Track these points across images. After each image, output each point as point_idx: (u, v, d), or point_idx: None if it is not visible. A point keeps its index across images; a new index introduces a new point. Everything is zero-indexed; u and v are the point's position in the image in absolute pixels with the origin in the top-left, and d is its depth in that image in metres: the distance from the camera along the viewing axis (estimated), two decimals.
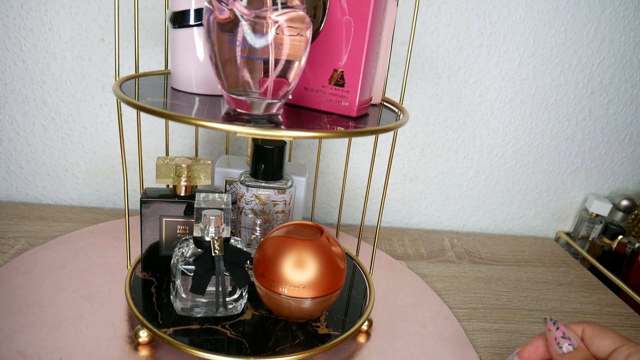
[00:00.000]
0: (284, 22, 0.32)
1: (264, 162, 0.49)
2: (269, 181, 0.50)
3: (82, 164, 0.72)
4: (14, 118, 0.68)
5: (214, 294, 0.43)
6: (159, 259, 0.51)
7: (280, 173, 0.50)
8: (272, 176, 0.50)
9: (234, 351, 0.42)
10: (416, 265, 0.68)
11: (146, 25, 0.65)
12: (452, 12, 0.70)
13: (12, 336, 0.43)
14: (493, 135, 0.79)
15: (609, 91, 0.78)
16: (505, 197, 0.84)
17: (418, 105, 0.75)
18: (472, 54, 0.73)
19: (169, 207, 0.49)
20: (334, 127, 0.37)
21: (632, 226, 0.80)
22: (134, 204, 0.73)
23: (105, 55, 0.66)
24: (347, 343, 0.49)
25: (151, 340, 0.45)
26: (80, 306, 0.49)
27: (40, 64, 0.65)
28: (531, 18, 0.71)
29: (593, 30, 0.73)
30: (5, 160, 0.71)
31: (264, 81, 0.34)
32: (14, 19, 0.63)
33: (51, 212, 0.69)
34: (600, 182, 0.85)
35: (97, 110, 0.69)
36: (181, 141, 0.73)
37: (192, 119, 0.33)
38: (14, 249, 0.58)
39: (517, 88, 0.76)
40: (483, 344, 0.53)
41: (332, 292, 0.44)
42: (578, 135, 0.81)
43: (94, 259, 0.57)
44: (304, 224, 0.47)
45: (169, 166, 0.48)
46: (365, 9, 0.38)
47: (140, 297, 0.47)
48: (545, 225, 0.88)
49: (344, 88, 0.40)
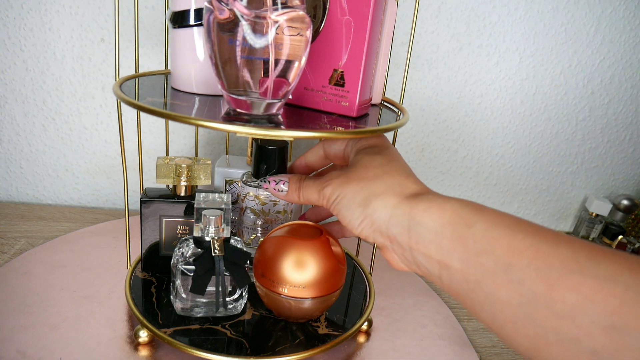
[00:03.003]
0: (284, 22, 0.32)
1: (266, 163, 0.48)
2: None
3: (82, 164, 0.72)
4: (14, 118, 0.68)
5: (214, 294, 0.43)
6: (159, 259, 0.51)
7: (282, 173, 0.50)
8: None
9: (234, 351, 0.42)
10: None
11: (146, 25, 0.65)
12: (452, 13, 0.70)
13: (12, 336, 0.43)
14: (493, 135, 0.79)
15: (609, 91, 0.78)
16: (505, 197, 0.84)
17: (418, 105, 0.75)
18: (472, 54, 0.73)
19: (169, 207, 0.49)
20: (334, 127, 0.37)
21: (632, 226, 0.80)
22: (134, 204, 0.73)
23: (105, 55, 0.66)
24: (347, 343, 0.49)
25: (151, 340, 0.45)
26: (80, 306, 0.48)
27: (40, 64, 0.65)
28: (531, 18, 0.71)
29: (593, 30, 0.73)
30: (5, 160, 0.71)
31: (264, 81, 0.34)
32: (14, 19, 0.63)
33: (51, 212, 0.69)
34: (600, 182, 0.85)
35: (97, 110, 0.69)
36: (181, 141, 0.73)
37: (192, 119, 0.33)
38: (14, 249, 0.58)
39: (517, 88, 0.76)
40: (483, 344, 0.53)
41: (332, 292, 0.44)
42: (578, 135, 0.81)
43: (94, 259, 0.57)
44: (304, 224, 0.47)
45: (169, 166, 0.48)
46: (365, 9, 0.38)
47: (140, 297, 0.47)
48: (545, 225, 0.88)
49: (344, 88, 0.40)
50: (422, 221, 0.31)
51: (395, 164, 0.36)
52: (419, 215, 0.31)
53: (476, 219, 0.29)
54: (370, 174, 0.35)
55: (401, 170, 0.36)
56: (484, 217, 0.29)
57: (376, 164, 0.36)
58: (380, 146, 0.38)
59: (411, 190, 0.34)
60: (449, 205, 0.31)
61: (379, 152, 0.37)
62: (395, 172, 0.35)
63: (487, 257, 0.27)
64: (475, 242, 0.28)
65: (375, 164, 0.36)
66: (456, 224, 0.30)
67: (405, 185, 0.34)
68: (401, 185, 0.34)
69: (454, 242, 0.29)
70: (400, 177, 0.35)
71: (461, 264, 0.29)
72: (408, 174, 0.36)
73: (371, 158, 0.37)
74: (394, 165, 0.36)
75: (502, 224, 0.28)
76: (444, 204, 0.31)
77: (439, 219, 0.31)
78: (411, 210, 0.32)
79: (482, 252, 0.28)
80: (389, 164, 0.36)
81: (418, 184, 0.35)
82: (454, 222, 0.30)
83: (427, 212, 0.31)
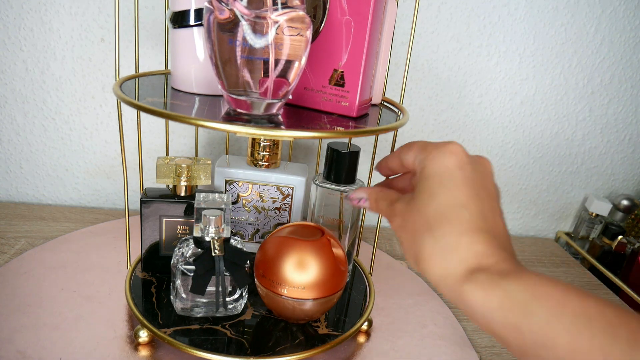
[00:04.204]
0: (284, 22, 0.32)
1: (338, 166, 0.50)
2: (340, 184, 0.51)
3: (82, 164, 0.72)
4: (14, 118, 0.68)
5: (214, 294, 0.43)
6: (159, 259, 0.51)
7: (352, 177, 0.52)
8: (344, 179, 0.51)
9: (234, 351, 0.42)
10: None
11: (146, 25, 0.65)
12: (452, 13, 0.70)
13: (12, 336, 0.43)
14: (493, 135, 0.79)
15: (609, 91, 0.78)
16: (505, 197, 0.84)
17: (418, 105, 0.75)
18: (472, 54, 0.73)
19: (169, 207, 0.49)
20: (334, 127, 0.37)
21: (632, 226, 0.80)
22: (134, 204, 0.73)
23: (105, 55, 0.66)
24: (347, 343, 0.49)
25: (151, 340, 0.45)
26: (80, 306, 0.48)
27: (40, 64, 0.65)
28: (531, 18, 0.71)
29: (593, 30, 0.73)
30: (5, 160, 0.71)
31: (264, 81, 0.34)
32: (14, 19, 0.63)
33: (51, 212, 0.69)
34: (600, 182, 0.85)
35: (97, 110, 0.69)
36: (181, 141, 0.73)
37: (192, 119, 0.33)
38: (14, 249, 0.58)
39: (517, 88, 0.76)
40: (483, 344, 0.53)
41: (333, 294, 0.43)
42: (578, 135, 0.81)
43: (94, 259, 0.57)
44: (305, 224, 0.47)
45: (169, 166, 0.48)
46: (365, 9, 0.38)
47: (140, 297, 0.47)
48: (545, 225, 0.88)
49: (344, 88, 0.40)
50: (469, 301, 0.26)
51: (459, 211, 0.28)
52: (466, 294, 0.26)
53: (535, 306, 0.24)
54: (424, 220, 0.29)
55: (463, 222, 0.28)
56: (544, 304, 0.24)
57: (434, 207, 0.29)
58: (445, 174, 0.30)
59: (467, 261, 0.27)
60: (503, 285, 0.25)
61: (443, 183, 0.29)
62: (452, 224, 0.28)
63: (548, 352, 0.24)
64: (533, 334, 0.24)
65: (434, 206, 0.29)
66: (508, 309, 0.25)
67: (460, 252, 0.27)
68: (455, 250, 0.27)
69: (506, 329, 0.25)
70: (457, 237, 0.28)
71: (518, 348, 0.25)
72: (471, 229, 0.28)
73: (432, 195, 0.29)
74: (457, 213, 0.28)
75: (566, 312, 0.23)
76: (498, 281, 0.26)
77: (487, 302, 0.25)
78: (458, 287, 0.27)
79: (542, 346, 0.24)
80: (451, 211, 0.28)
81: (477, 251, 0.27)
82: (506, 308, 0.25)
83: (473, 293, 0.26)
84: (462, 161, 0.30)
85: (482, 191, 0.30)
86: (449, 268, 0.27)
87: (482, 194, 0.30)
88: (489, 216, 0.29)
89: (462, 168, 0.30)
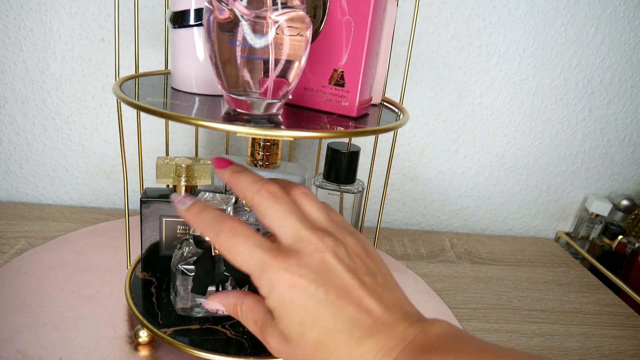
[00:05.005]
0: (284, 22, 0.32)
1: (337, 166, 0.51)
2: (340, 184, 0.52)
3: (82, 164, 0.72)
4: (14, 118, 0.68)
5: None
6: (159, 259, 0.51)
7: (352, 177, 0.53)
8: (344, 179, 0.52)
9: (234, 351, 0.42)
10: (416, 265, 0.68)
11: (146, 25, 0.65)
12: (452, 12, 0.70)
13: (12, 336, 0.43)
14: (493, 135, 0.79)
15: (609, 91, 0.78)
16: (505, 197, 0.84)
17: (418, 105, 0.75)
18: (472, 54, 0.73)
19: (169, 207, 0.49)
20: (334, 127, 0.37)
21: (632, 226, 0.80)
22: (134, 204, 0.73)
23: (105, 55, 0.66)
24: None
25: (151, 340, 0.45)
26: (80, 306, 0.48)
27: (40, 64, 0.65)
28: (531, 18, 0.71)
29: (593, 30, 0.73)
30: (5, 160, 0.71)
31: (264, 81, 0.34)
32: (14, 19, 0.63)
33: (51, 212, 0.69)
34: (600, 182, 0.85)
35: (97, 110, 0.69)
36: (181, 141, 0.73)
37: (192, 119, 0.33)
38: (14, 249, 0.58)
39: (517, 88, 0.76)
40: None
41: None
42: (578, 135, 0.81)
43: (94, 259, 0.57)
44: None
45: (169, 166, 0.48)
46: (365, 9, 0.38)
47: (140, 297, 0.47)
48: (545, 225, 0.88)
49: (344, 88, 0.40)
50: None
51: (334, 335, 0.26)
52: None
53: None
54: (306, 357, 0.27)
55: (343, 344, 0.26)
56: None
57: (308, 342, 0.27)
58: (293, 307, 0.27)
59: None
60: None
61: (300, 317, 0.27)
62: (335, 353, 0.26)
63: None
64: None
65: (307, 342, 0.27)
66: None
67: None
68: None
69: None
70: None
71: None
72: (354, 342, 0.26)
73: (299, 333, 0.27)
74: (333, 338, 0.26)
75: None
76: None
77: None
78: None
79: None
80: (327, 339, 0.26)
81: (375, 357, 0.25)
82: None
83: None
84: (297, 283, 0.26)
85: (332, 293, 0.26)
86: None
87: (332, 296, 0.26)
88: (355, 309, 0.26)
89: (300, 290, 0.26)
